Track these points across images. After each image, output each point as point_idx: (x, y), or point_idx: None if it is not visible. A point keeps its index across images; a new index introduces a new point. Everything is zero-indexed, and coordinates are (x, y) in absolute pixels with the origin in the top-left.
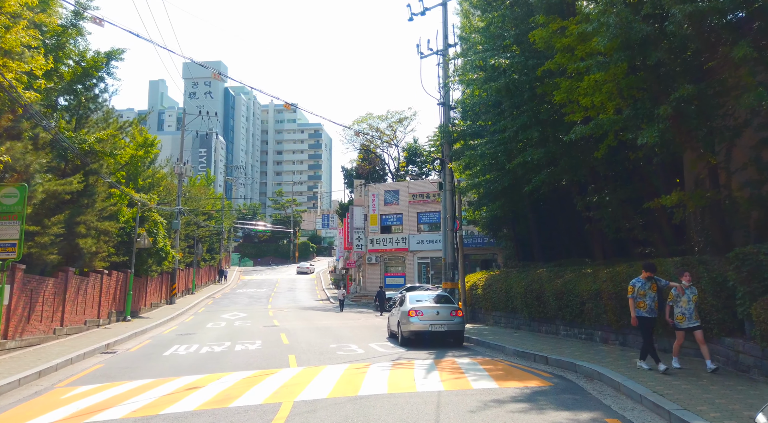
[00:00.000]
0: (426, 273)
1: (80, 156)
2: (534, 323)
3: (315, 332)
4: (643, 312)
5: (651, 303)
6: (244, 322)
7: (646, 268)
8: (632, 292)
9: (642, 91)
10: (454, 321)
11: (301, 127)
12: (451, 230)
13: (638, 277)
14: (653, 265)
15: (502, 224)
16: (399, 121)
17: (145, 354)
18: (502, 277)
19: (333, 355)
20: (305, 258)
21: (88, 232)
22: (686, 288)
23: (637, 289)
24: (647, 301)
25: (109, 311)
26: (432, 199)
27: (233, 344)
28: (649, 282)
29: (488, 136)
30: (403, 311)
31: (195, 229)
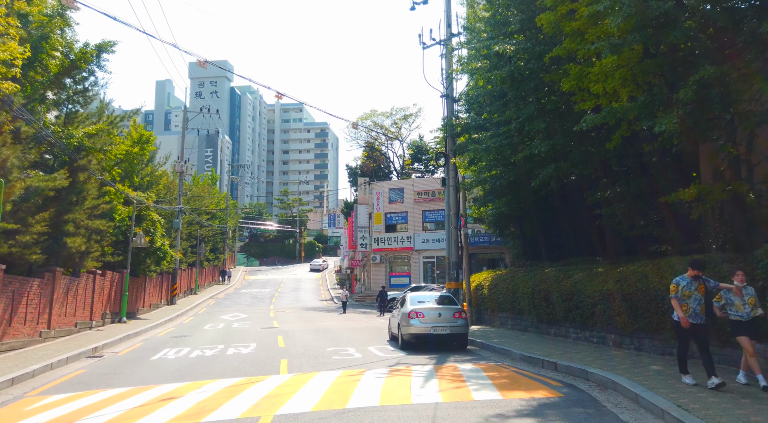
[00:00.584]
0: (432, 272)
1: (67, 151)
2: (542, 325)
3: (313, 334)
4: None
5: (696, 306)
6: (243, 324)
7: (694, 266)
8: (675, 291)
9: (658, 76)
10: (457, 323)
11: (307, 126)
12: (454, 228)
13: (683, 275)
14: (702, 262)
15: (509, 222)
16: (404, 118)
17: (133, 358)
18: (508, 277)
19: (328, 359)
20: (311, 258)
21: (77, 230)
22: (741, 288)
23: (681, 289)
24: (691, 304)
25: (103, 313)
26: (438, 197)
27: (226, 347)
28: (695, 282)
29: (493, 129)
30: (403, 313)
31: (198, 229)
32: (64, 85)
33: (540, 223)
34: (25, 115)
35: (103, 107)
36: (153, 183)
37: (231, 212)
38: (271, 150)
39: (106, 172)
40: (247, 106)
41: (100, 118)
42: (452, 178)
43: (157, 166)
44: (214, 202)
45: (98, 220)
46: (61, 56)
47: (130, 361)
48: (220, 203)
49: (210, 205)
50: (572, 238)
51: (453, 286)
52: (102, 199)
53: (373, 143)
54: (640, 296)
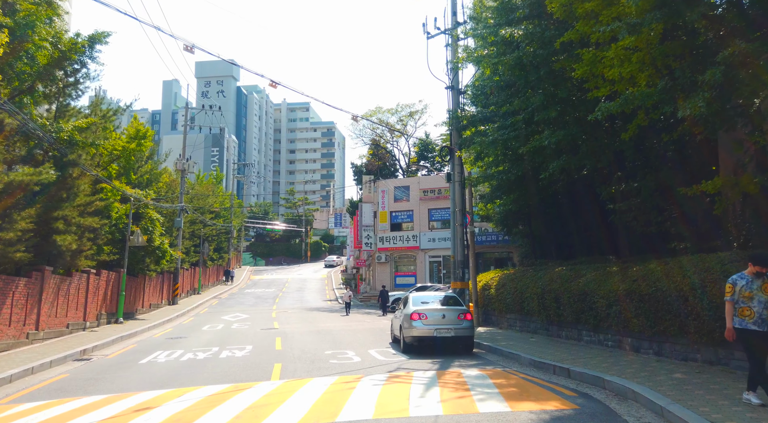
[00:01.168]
0: (438, 272)
1: (55, 145)
2: (552, 327)
3: (313, 336)
4: (748, 323)
5: (762, 310)
6: (242, 325)
7: (756, 261)
8: (732, 293)
9: (680, 59)
10: (462, 325)
11: (313, 126)
12: (460, 225)
13: (741, 273)
14: (765, 256)
15: (517, 220)
16: (410, 114)
17: (121, 361)
18: (516, 277)
19: (325, 364)
20: (317, 257)
21: (68, 228)
22: None
23: (740, 289)
24: (755, 307)
25: (98, 313)
26: (444, 195)
27: (221, 350)
28: (758, 280)
29: (500, 121)
30: (405, 314)
31: (201, 228)
32: (54, 77)
33: (549, 221)
34: (6, 106)
35: (98, 101)
36: (152, 181)
37: (236, 211)
38: (278, 149)
39: (100, 169)
40: (253, 106)
41: (93, 112)
42: (457, 173)
43: (157, 163)
44: (218, 201)
45: (91, 217)
46: (50, 46)
47: (118, 365)
48: (224, 202)
49: (214, 204)
50: (582, 236)
51: (458, 286)
52: (96, 196)
53: (378, 141)
54: (660, 297)
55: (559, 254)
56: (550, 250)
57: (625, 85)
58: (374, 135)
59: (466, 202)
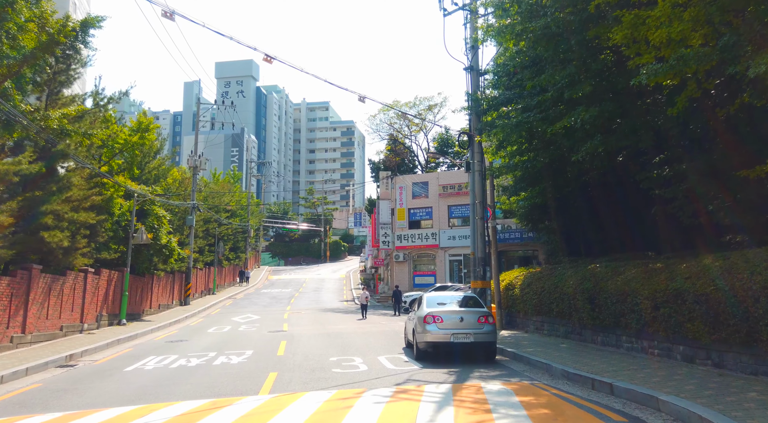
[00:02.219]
0: (458, 271)
1: (42, 135)
2: (586, 332)
3: (322, 340)
4: None
5: None
6: (250, 327)
7: None
8: None
9: (741, 15)
10: (483, 330)
11: (333, 125)
12: (480, 218)
13: None
14: None
15: (543, 214)
16: (428, 108)
17: (107, 369)
18: (544, 275)
19: (326, 373)
20: (336, 257)
21: (59, 223)
22: None
23: None
24: None
25: (98, 314)
26: (465, 191)
27: (217, 355)
28: None
29: (525, 102)
30: (418, 317)
31: (216, 227)
32: (43, 61)
33: (578, 215)
34: None
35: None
36: (160, 177)
37: (254, 211)
38: (298, 149)
39: (100, 163)
40: (273, 106)
41: (95, 102)
42: (477, 162)
43: (165, 158)
44: (234, 200)
45: (86, 212)
46: (36, 28)
47: (100, 373)
48: (241, 201)
49: (230, 202)
50: (616, 230)
51: (479, 286)
52: (92, 190)
53: (396, 136)
54: (721, 298)
55: (589, 251)
56: (578, 247)
57: (674, 48)
58: (392, 130)
59: (488, 195)
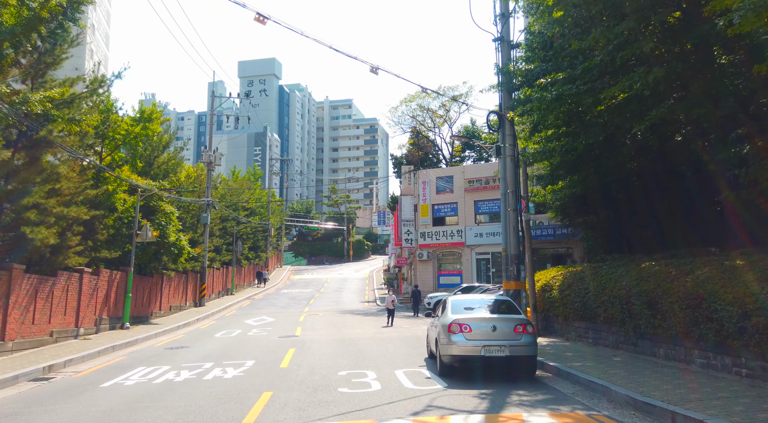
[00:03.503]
0: (486, 271)
1: (24, 120)
2: (644, 342)
3: (335, 347)
4: None
5: None
6: (261, 331)
7: None
8: None
9: None
10: (521, 341)
11: (356, 123)
12: (513, 210)
13: None
14: None
15: (582, 207)
16: (453, 99)
17: (83, 384)
18: (587, 275)
19: (331, 394)
20: (360, 257)
21: (44, 218)
22: None
23: None
24: None
25: (98, 318)
26: (492, 185)
27: (213, 367)
28: None
29: (566, 71)
30: (442, 325)
31: (234, 225)
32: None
33: (622, 207)
34: None
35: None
36: (170, 171)
37: (275, 209)
38: (321, 148)
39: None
40: (295, 104)
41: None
42: (509, 146)
43: (174, 153)
44: (253, 198)
45: (78, 207)
46: (16, 2)
47: (72, 390)
48: (262, 199)
49: (250, 200)
50: (668, 224)
51: (513, 287)
52: (86, 182)
53: (418, 129)
54: None
55: (633, 248)
56: (620, 244)
57: None
58: (414, 123)
59: (521, 184)
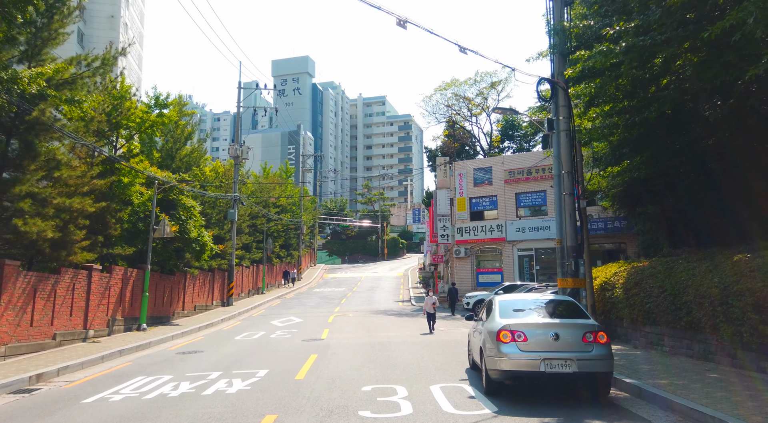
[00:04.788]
0: (529, 268)
1: (16, 101)
2: (747, 354)
3: (362, 353)
4: None
5: None
6: (285, 333)
7: None
8: None
9: None
10: (592, 353)
11: (390, 120)
12: (569, 194)
13: None
14: None
15: (643, 195)
16: (491, 85)
17: (66, 398)
18: (659, 271)
19: (348, 419)
20: (395, 255)
21: (41, 210)
22: None
23: None
24: None
25: (110, 319)
26: (535, 176)
27: (219, 379)
28: None
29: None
30: (489, 331)
31: (264, 222)
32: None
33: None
34: None
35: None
36: (192, 164)
37: (308, 206)
38: (354, 146)
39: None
40: (329, 102)
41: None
42: (563, 119)
43: (197, 145)
44: (285, 195)
45: (81, 198)
46: None
47: (48, 406)
48: (294, 196)
49: (281, 197)
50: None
51: (570, 285)
52: (91, 170)
53: (454, 119)
54: None
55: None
56: (687, 237)
57: None
58: (449, 112)
59: (577, 164)
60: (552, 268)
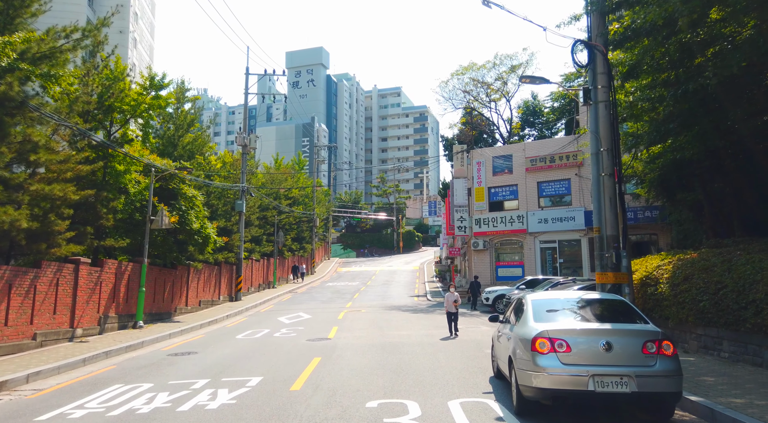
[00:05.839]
0: (552, 261)
1: None
2: None
3: (371, 356)
4: None
5: None
6: (291, 331)
7: None
8: None
9: None
10: (656, 368)
11: (405, 111)
12: (609, 175)
13: None
14: None
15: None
16: (511, 69)
17: (21, 413)
18: (716, 263)
19: None
20: (410, 248)
21: (15, 196)
22: None
23: None
24: None
25: (102, 316)
26: (558, 164)
27: (203, 389)
28: None
29: None
30: (521, 338)
31: (275, 214)
32: None
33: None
34: None
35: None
36: (195, 152)
37: (321, 199)
38: (369, 138)
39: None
40: (343, 94)
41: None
42: (601, 89)
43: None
44: (297, 186)
45: (61, 185)
46: None
47: None
48: (306, 188)
49: (293, 189)
50: None
51: (611, 281)
52: (74, 156)
53: (471, 105)
54: None
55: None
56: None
57: None
58: (467, 98)
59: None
60: (576, 261)
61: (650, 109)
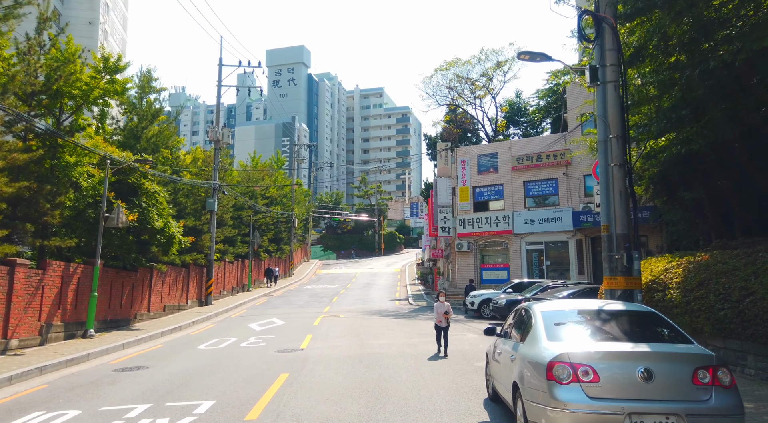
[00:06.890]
0: (538, 264)
1: None
2: None
3: (346, 372)
4: None
5: None
6: (259, 340)
7: None
8: None
9: None
10: (710, 404)
11: (388, 112)
12: (619, 165)
13: None
14: None
15: (688, 175)
16: (497, 65)
17: None
18: (738, 266)
19: None
20: (392, 250)
21: None
22: None
23: None
24: None
25: (44, 325)
26: (545, 163)
27: (137, 419)
28: None
29: None
30: (532, 362)
31: (251, 214)
32: None
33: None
34: None
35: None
36: (160, 145)
37: (300, 199)
38: (351, 138)
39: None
40: (324, 93)
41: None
42: (610, 67)
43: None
44: (275, 185)
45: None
46: None
47: None
48: (285, 187)
49: (271, 188)
50: None
51: (622, 286)
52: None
53: (456, 102)
54: None
55: (750, 232)
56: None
57: None
58: (451, 95)
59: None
60: (563, 263)
61: (658, 96)
